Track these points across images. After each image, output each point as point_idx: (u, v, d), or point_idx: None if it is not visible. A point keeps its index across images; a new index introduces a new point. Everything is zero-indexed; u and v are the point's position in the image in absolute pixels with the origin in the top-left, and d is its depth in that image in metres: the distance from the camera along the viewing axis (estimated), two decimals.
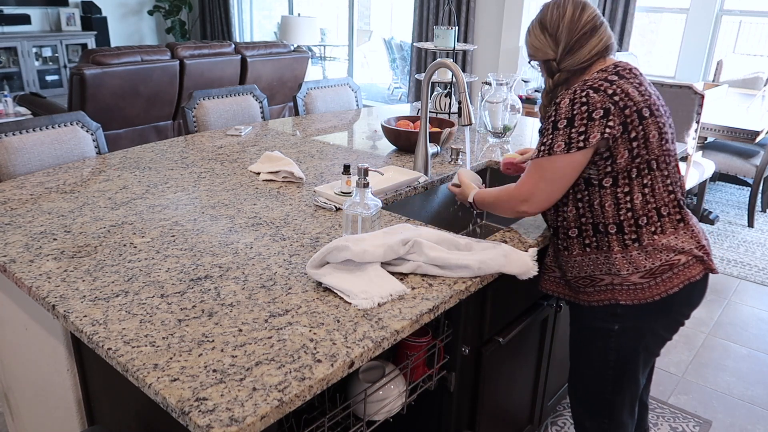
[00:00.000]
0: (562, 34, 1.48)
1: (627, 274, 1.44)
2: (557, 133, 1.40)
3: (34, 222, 1.62)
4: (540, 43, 1.51)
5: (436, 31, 2.98)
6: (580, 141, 1.38)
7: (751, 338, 2.89)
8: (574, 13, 1.48)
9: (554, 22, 1.49)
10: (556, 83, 1.51)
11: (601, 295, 1.49)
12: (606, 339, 1.52)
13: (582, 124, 1.37)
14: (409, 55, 6.48)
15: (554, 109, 1.42)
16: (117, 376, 1.15)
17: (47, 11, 6.99)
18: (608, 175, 1.42)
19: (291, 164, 2.02)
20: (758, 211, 4.42)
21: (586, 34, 1.47)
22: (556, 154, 1.41)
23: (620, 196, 1.43)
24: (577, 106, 1.38)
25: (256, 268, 1.40)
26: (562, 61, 1.49)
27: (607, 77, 1.42)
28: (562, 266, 1.57)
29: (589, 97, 1.38)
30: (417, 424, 1.65)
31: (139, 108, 4.26)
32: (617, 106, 1.37)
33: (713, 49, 5.11)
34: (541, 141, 1.45)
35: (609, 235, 1.45)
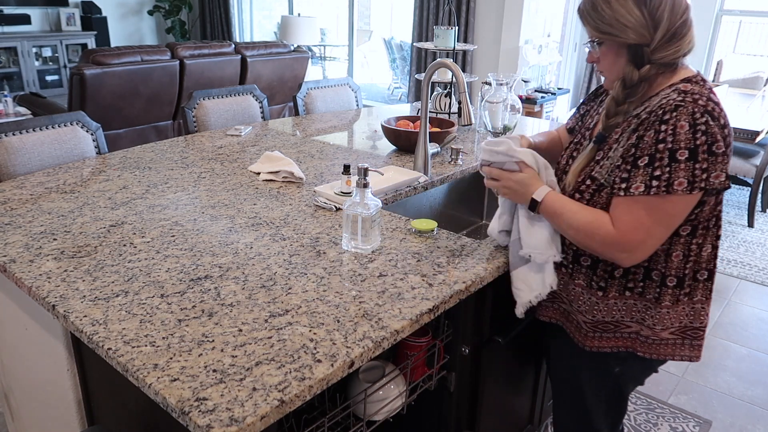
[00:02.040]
0: (664, 14, 1.16)
1: (661, 329, 1.28)
2: (676, 167, 1.11)
3: (34, 222, 1.62)
4: (633, 19, 1.16)
5: (436, 31, 2.98)
6: (703, 180, 1.11)
7: (751, 338, 2.89)
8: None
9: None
10: (643, 77, 1.20)
11: (618, 342, 1.33)
12: (603, 380, 1.41)
13: (704, 159, 1.11)
14: (409, 55, 6.48)
15: (668, 132, 1.12)
16: (117, 376, 1.15)
17: (47, 11, 6.99)
18: (689, 223, 1.20)
19: (291, 164, 2.02)
20: (758, 211, 4.42)
21: (687, 21, 1.18)
22: (677, 194, 1.12)
23: (693, 247, 1.23)
24: (699, 135, 1.11)
25: (256, 268, 1.40)
26: (658, 50, 1.18)
27: (711, 97, 1.15)
28: (580, 305, 1.35)
29: (708, 126, 1.11)
30: (417, 424, 1.65)
31: (139, 108, 4.26)
32: (725, 143, 1.13)
33: (713, 49, 5.11)
34: (648, 172, 1.14)
35: (664, 287, 1.25)
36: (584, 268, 1.32)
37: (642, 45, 1.18)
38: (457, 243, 1.57)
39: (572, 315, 1.40)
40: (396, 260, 1.46)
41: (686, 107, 1.12)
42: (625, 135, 1.22)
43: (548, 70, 5.27)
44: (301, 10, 7.52)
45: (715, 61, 5.08)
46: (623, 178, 1.18)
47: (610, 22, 1.18)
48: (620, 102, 1.23)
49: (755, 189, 4.08)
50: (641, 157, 1.16)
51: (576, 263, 1.33)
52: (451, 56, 3.64)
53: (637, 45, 1.18)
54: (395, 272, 1.40)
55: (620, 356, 1.35)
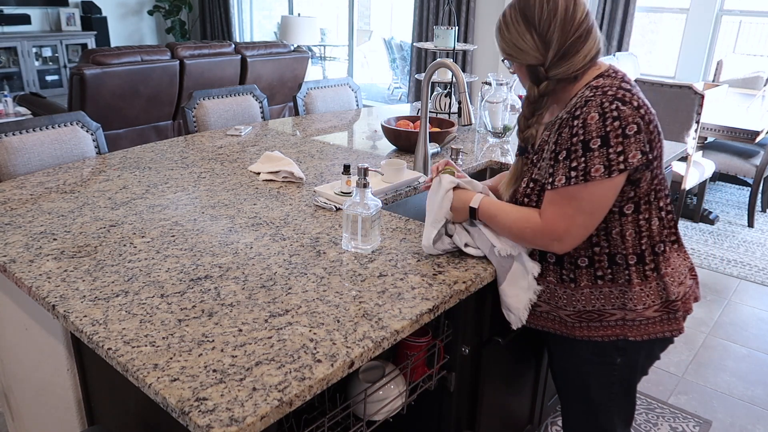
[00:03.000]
0: (553, 36, 1.25)
1: (643, 308, 1.32)
2: (591, 155, 1.19)
3: (34, 222, 1.62)
4: (525, 44, 1.27)
5: (436, 31, 2.98)
6: (620, 162, 1.19)
7: (751, 338, 2.89)
8: (567, 9, 1.24)
9: (544, 19, 1.24)
10: (543, 93, 1.30)
11: (607, 331, 1.36)
12: (609, 374, 1.42)
13: (618, 142, 1.18)
14: (409, 55, 6.48)
15: (579, 126, 1.21)
16: (117, 376, 1.15)
17: (47, 11, 6.99)
18: (630, 201, 1.27)
19: (291, 164, 2.02)
20: (758, 211, 4.42)
21: (580, 37, 1.26)
22: (595, 180, 1.20)
23: (642, 223, 1.29)
24: (609, 122, 1.18)
25: (256, 268, 1.40)
26: (553, 68, 1.28)
27: (621, 85, 1.23)
28: (557, 300, 1.40)
29: (620, 111, 1.19)
30: (417, 424, 1.65)
31: (139, 108, 4.26)
32: (644, 121, 1.20)
33: (713, 49, 5.11)
34: (566, 165, 1.23)
35: (629, 267, 1.30)
36: (551, 264, 1.38)
37: (538, 65, 1.29)
38: None
39: (552, 313, 1.43)
40: (396, 260, 1.46)
41: (595, 99, 1.21)
42: (552, 135, 1.30)
43: None
44: (301, 10, 7.52)
45: (715, 61, 5.08)
46: (549, 173, 1.28)
47: (509, 45, 1.30)
48: (528, 116, 1.35)
49: (755, 189, 4.08)
50: (560, 152, 1.25)
51: (543, 261, 1.40)
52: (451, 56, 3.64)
53: (533, 65, 1.29)
54: (395, 272, 1.40)
55: (618, 345, 1.37)
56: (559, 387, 1.58)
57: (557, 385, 1.59)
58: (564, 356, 1.50)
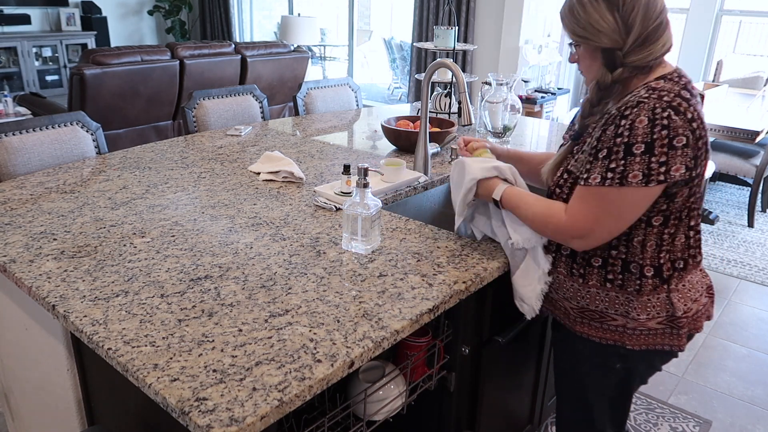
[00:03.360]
0: (636, 19, 1.19)
1: (645, 319, 1.30)
2: (632, 160, 1.15)
3: (34, 222, 1.62)
4: (606, 24, 1.19)
5: (436, 31, 2.98)
6: (661, 173, 1.15)
7: (751, 338, 2.89)
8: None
9: (628, 1, 1.19)
10: (616, 80, 1.24)
11: (606, 334, 1.35)
12: (605, 376, 1.42)
13: (663, 152, 1.14)
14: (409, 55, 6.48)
15: (626, 127, 1.16)
16: (117, 376, 1.15)
17: (47, 11, 6.99)
18: (661, 213, 1.23)
19: (291, 164, 2.02)
20: (758, 211, 4.42)
21: (661, 24, 1.21)
22: (630, 186, 1.16)
23: (665, 237, 1.26)
24: (657, 129, 1.14)
25: (256, 268, 1.40)
26: (631, 54, 1.21)
27: (681, 92, 1.18)
28: (564, 292, 1.39)
29: (671, 120, 1.14)
30: (417, 424, 1.65)
31: (139, 108, 4.26)
32: (694, 136, 1.15)
33: (713, 49, 5.11)
34: (604, 164, 1.19)
35: (644, 278, 1.28)
36: (564, 256, 1.38)
37: (615, 49, 1.22)
38: (457, 243, 1.57)
39: (559, 302, 1.44)
40: (396, 260, 1.46)
41: (648, 103, 1.16)
42: (597, 130, 1.26)
43: (548, 70, 5.27)
44: (301, 10, 7.52)
45: (715, 61, 5.08)
46: (586, 169, 1.25)
47: (585, 26, 1.22)
48: (595, 103, 1.29)
49: (755, 189, 4.08)
50: (601, 150, 1.21)
51: (557, 252, 1.39)
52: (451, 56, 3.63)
53: (610, 49, 1.22)
54: (395, 272, 1.40)
55: (616, 350, 1.36)
56: (557, 383, 1.59)
57: (556, 381, 1.60)
58: (566, 352, 1.51)
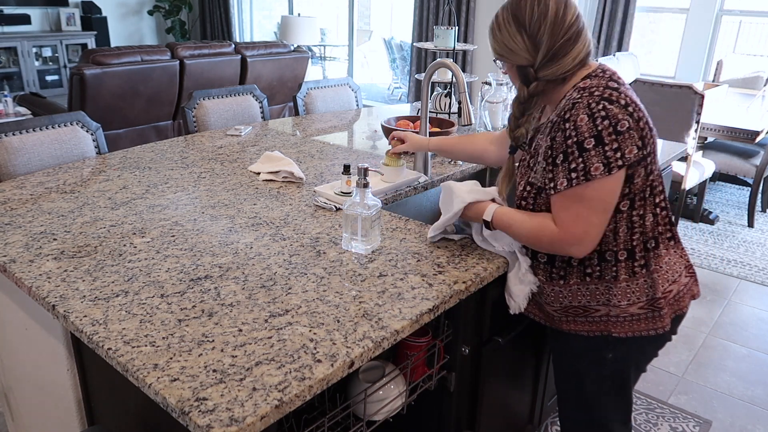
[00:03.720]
0: (543, 37, 1.27)
1: (627, 304, 1.33)
2: (587, 155, 1.21)
3: (34, 222, 1.62)
4: (515, 44, 1.30)
5: (436, 31, 2.98)
6: (618, 158, 1.20)
7: (751, 338, 2.89)
8: (557, 12, 1.26)
9: (534, 21, 1.27)
10: (532, 93, 1.33)
11: (592, 326, 1.39)
12: (600, 368, 1.43)
13: (612, 140, 1.20)
14: (409, 55, 6.48)
15: (571, 128, 1.22)
16: (117, 376, 1.15)
17: (47, 11, 6.99)
18: (626, 197, 1.27)
19: (291, 164, 2.02)
20: (758, 211, 4.42)
21: (570, 39, 1.27)
22: (596, 179, 1.21)
23: (635, 219, 1.30)
24: (599, 121, 1.20)
25: (256, 268, 1.40)
26: (542, 69, 1.30)
27: (608, 84, 1.25)
28: (545, 297, 1.43)
29: (608, 110, 1.20)
30: (417, 424, 1.65)
31: (139, 108, 4.26)
32: (633, 119, 1.22)
33: (713, 49, 5.11)
34: (566, 168, 1.24)
35: (618, 263, 1.32)
36: (542, 264, 1.41)
37: (527, 66, 1.31)
38: (457, 243, 1.57)
39: (543, 307, 1.48)
40: (396, 260, 1.46)
41: (582, 101, 1.23)
42: (546, 140, 1.31)
43: None
44: (301, 10, 7.52)
45: (715, 61, 5.08)
46: (549, 178, 1.29)
47: (500, 46, 1.33)
48: (518, 116, 1.37)
49: (755, 189, 4.08)
50: (557, 156, 1.26)
51: (534, 260, 1.42)
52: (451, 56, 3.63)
53: (523, 66, 1.32)
54: (395, 272, 1.40)
55: (604, 340, 1.38)
56: (557, 379, 1.60)
57: (555, 377, 1.61)
58: (560, 350, 1.53)
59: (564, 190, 1.25)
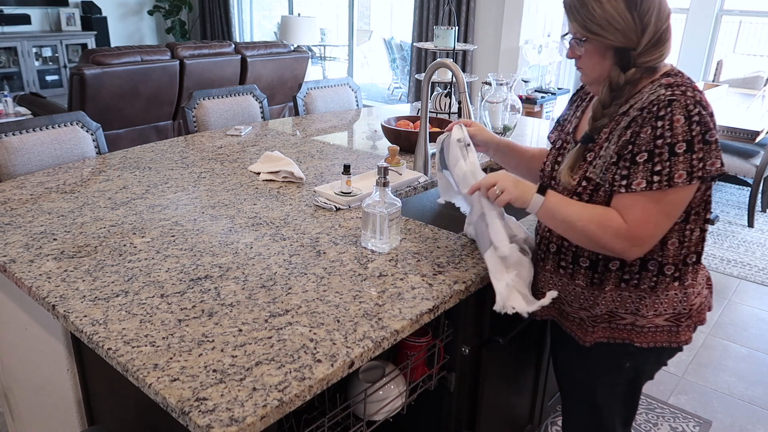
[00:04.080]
0: (651, 19, 1.16)
1: (653, 315, 1.29)
2: (676, 160, 1.13)
3: (34, 222, 1.62)
4: (624, 22, 1.16)
5: (436, 31, 2.98)
6: (700, 169, 1.14)
7: (751, 338, 2.89)
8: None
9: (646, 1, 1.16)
10: (629, 80, 1.20)
11: (614, 333, 1.34)
12: (615, 375, 1.40)
13: (700, 148, 1.13)
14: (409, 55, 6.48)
15: (665, 128, 1.13)
16: (117, 376, 1.15)
17: (47, 11, 6.99)
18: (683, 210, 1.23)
19: (291, 164, 2.02)
20: (758, 211, 4.42)
21: (669, 27, 1.19)
22: (678, 186, 1.15)
23: (687, 233, 1.26)
24: (694, 126, 1.12)
25: (256, 268, 1.40)
26: (644, 54, 1.19)
27: (695, 87, 1.17)
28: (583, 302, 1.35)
29: (701, 116, 1.13)
30: (417, 424, 1.65)
31: (139, 108, 4.26)
32: (715, 128, 1.16)
33: (713, 49, 5.11)
34: (648, 168, 1.15)
35: (661, 275, 1.27)
36: (583, 268, 1.33)
37: (628, 48, 1.18)
38: (457, 243, 1.57)
39: (572, 315, 1.40)
40: (396, 260, 1.46)
41: (679, 101, 1.13)
42: (616, 133, 1.22)
43: (548, 70, 5.27)
44: (301, 10, 7.51)
45: (715, 61, 5.08)
46: (623, 175, 1.19)
47: (600, 22, 1.17)
48: (607, 105, 1.24)
49: (755, 189, 4.08)
50: (639, 154, 1.16)
51: (575, 264, 1.34)
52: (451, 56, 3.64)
53: (623, 48, 1.18)
54: (395, 272, 1.40)
55: (629, 350, 1.34)
56: (563, 387, 1.57)
57: (561, 386, 1.58)
58: (572, 359, 1.48)
59: (639, 191, 1.17)
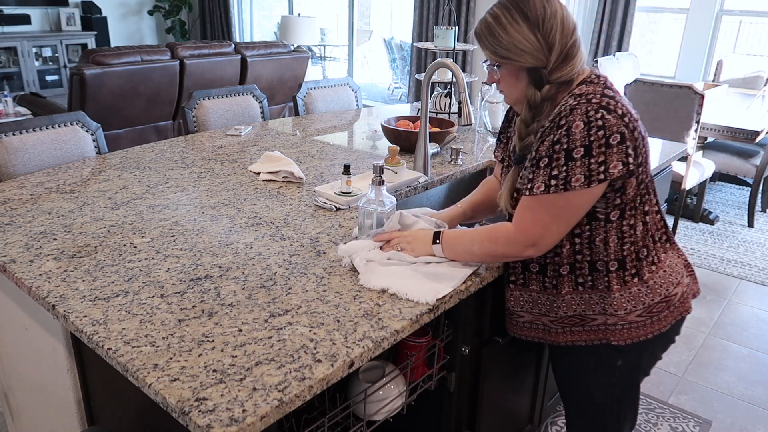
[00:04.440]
0: (556, 37, 1.22)
1: (624, 313, 1.31)
2: (573, 165, 1.18)
3: (34, 222, 1.62)
4: (529, 44, 1.23)
5: (436, 31, 2.98)
6: (601, 173, 1.18)
7: (751, 338, 2.89)
8: (563, 11, 1.23)
9: (547, 20, 1.22)
10: (545, 97, 1.27)
11: (589, 335, 1.37)
12: (610, 377, 1.41)
13: (600, 152, 1.17)
14: (409, 55, 6.48)
15: (563, 134, 1.19)
16: (117, 376, 1.15)
17: (47, 11, 6.99)
18: (616, 207, 1.26)
19: (291, 164, 2.02)
20: (758, 211, 4.42)
21: (576, 41, 1.25)
22: (574, 190, 1.19)
23: (625, 229, 1.28)
24: (594, 131, 1.16)
25: (256, 268, 1.40)
26: (555, 71, 1.25)
27: (604, 92, 1.22)
28: (540, 307, 1.40)
29: (605, 120, 1.17)
30: (417, 424, 1.65)
31: (139, 108, 4.26)
32: (628, 129, 1.19)
33: (713, 49, 5.11)
34: (547, 173, 1.21)
35: (609, 273, 1.30)
36: (534, 273, 1.38)
37: (540, 68, 1.25)
38: None
39: (535, 322, 1.44)
40: None
41: (579, 108, 1.19)
42: (535, 145, 1.28)
43: None
44: (301, 10, 7.52)
45: (715, 61, 5.08)
46: (529, 179, 1.26)
47: (508, 47, 1.24)
48: (528, 123, 1.30)
49: (755, 189, 4.08)
50: (541, 159, 1.23)
51: (526, 271, 1.39)
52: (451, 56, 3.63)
53: (535, 68, 1.25)
54: None
55: (620, 348, 1.36)
56: (563, 393, 1.57)
57: (561, 391, 1.59)
58: (565, 363, 1.50)
59: (538, 194, 1.23)
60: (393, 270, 1.35)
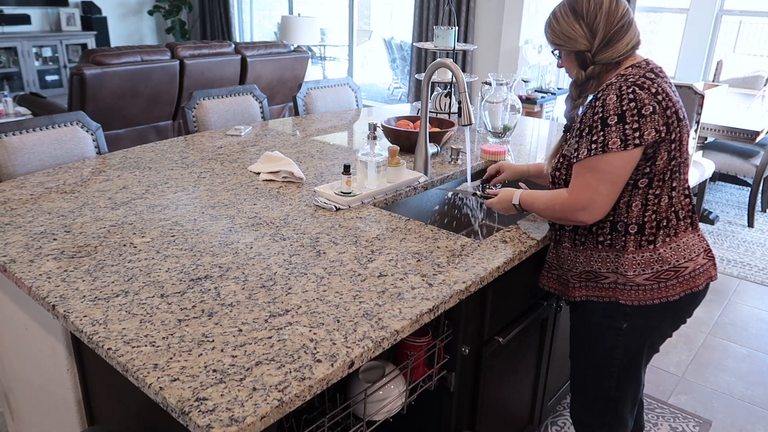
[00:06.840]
0: (599, 25, 1.42)
1: (633, 275, 1.44)
2: (608, 130, 1.34)
3: (34, 222, 1.62)
4: (574, 32, 1.44)
5: (436, 31, 2.98)
6: (636, 138, 1.33)
7: (751, 338, 2.89)
8: (611, 4, 1.43)
9: (591, 11, 1.42)
10: (589, 76, 1.45)
11: (600, 292, 1.50)
12: (614, 337, 1.52)
13: (634, 120, 1.33)
14: (409, 55, 6.48)
15: (599, 105, 1.36)
16: (117, 376, 1.15)
17: (47, 11, 6.99)
18: (645, 176, 1.40)
19: (291, 164, 2.02)
20: (758, 211, 4.42)
21: (623, 27, 1.42)
22: (612, 152, 1.35)
23: (650, 197, 1.42)
24: (625, 102, 1.33)
25: (256, 268, 1.40)
26: (598, 54, 1.44)
27: (645, 74, 1.39)
28: (568, 263, 1.56)
29: (636, 94, 1.34)
30: (417, 424, 1.65)
31: (139, 108, 4.26)
32: (660, 106, 1.34)
33: (713, 49, 5.11)
34: (588, 139, 1.38)
35: (627, 235, 1.44)
36: (567, 231, 1.55)
37: (585, 51, 1.45)
38: (457, 243, 1.57)
39: (563, 276, 1.60)
40: (396, 260, 1.46)
41: (615, 84, 1.37)
42: (579, 117, 1.45)
43: (548, 70, 5.27)
44: (301, 10, 7.51)
45: (715, 61, 5.08)
46: (575, 149, 1.43)
47: (560, 35, 1.47)
48: (575, 98, 1.50)
49: (755, 189, 4.08)
50: (583, 129, 1.40)
51: (561, 229, 1.56)
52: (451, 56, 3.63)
53: (581, 51, 1.45)
54: (395, 272, 1.40)
55: (620, 309, 1.48)
56: (572, 351, 1.68)
57: (570, 350, 1.68)
58: (577, 318, 1.62)
59: (583, 159, 1.39)
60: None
